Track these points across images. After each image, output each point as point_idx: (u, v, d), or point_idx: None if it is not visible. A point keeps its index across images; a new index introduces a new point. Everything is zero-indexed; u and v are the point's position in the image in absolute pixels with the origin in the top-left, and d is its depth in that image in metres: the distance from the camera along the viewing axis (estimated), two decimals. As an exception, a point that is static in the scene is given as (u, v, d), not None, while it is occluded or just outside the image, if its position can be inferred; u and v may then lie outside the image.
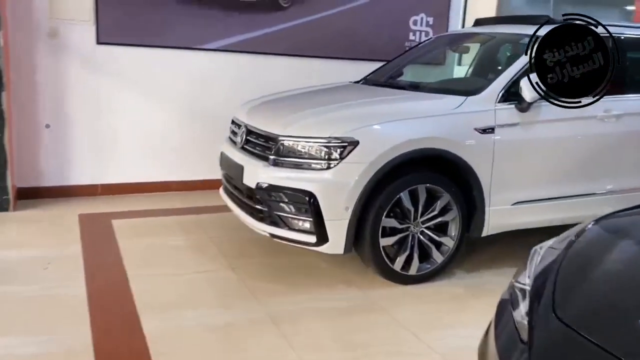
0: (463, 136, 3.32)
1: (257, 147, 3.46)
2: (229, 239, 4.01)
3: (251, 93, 5.05)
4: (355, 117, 3.27)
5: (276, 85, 5.18)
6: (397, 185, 3.18)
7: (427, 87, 3.88)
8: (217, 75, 5.18)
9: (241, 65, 5.25)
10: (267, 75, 5.30)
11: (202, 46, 5.04)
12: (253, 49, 5.24)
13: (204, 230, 4.18)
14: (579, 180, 3.75)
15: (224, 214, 4.39)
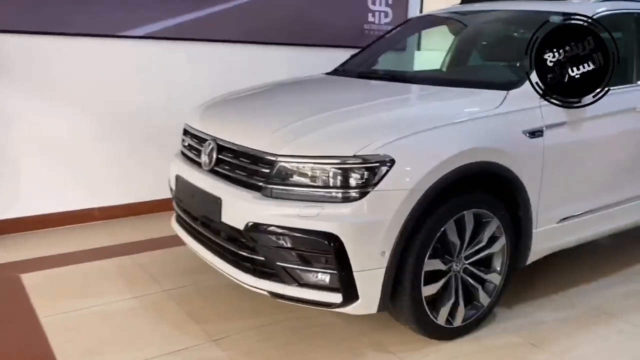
0: (512, 143, 2.57)
1: (238, 171, 2.49)
2: (197, 291, 2.99)
3: (195, 91, 4.04)
4: (380, 126, 2.39)
5: (225, 79, 4.20)
6: (441, 214, 2.36)
7: (440, 79, 3.07)
8: (147, 71, 4.06)
9: (176, 56, 4.16)
10: (208, 67, 4.26)
11: (128, 33, 3.89)
12: (190, 35, 4.17)
13: (154, 278, 3.12)
14: (627, 183, 3.17)
15: (176, 250, 3.38)
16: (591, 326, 2.75)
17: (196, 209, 2.70)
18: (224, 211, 2.44)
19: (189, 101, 3.95)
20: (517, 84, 2.70)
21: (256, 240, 2.33)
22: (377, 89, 3.08)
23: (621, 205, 3.16)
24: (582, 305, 2.96)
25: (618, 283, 3.26)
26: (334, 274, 2.24)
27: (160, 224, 3.82)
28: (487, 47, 3.51)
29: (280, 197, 2.30)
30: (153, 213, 4.13)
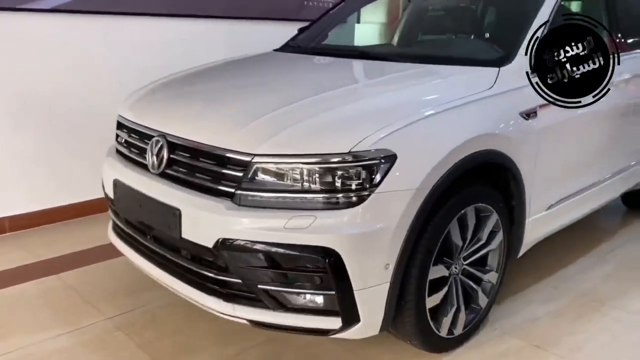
0: (511, 127, 2.29)
1: (199, 174, 2.03)
2: (147, 316, 2.50)
3: (120, 75, 3.47)
4: (372, 115, 2.00)
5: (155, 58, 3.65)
6: (446, 214, 2.04)
7: (419, 56, 2.71)
8: (56, 52, 3.40)
9: (93, 34, 3.53)
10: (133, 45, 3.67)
11: (31, 5, 3.21)
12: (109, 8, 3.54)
13: (91, 303, 2.59)
14: (606, 161, 3.03)
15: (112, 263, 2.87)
16: (586, 317, 2.58)
17: (146, 222, 2.21)
18: (185, 225, 1.98)
19: (114, 88, 3.41)
20: (507, 59, 2.42)
21: (231, 260, 1.90)
22: (351, 68, 2.67)
23: (600, 184, 3.02)
24: (568, 293, 2.80)
25: (594, 264, 3.14)
26: (330, 295, 1.86)
27: (87, 232, 3.28)
28: (453, 19, 3.20)
29: (259, 205, 1.88)
30: (75, 219, 3.54)
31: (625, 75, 3.05)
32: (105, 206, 3.52)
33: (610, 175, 3.13)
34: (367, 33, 4.34)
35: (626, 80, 3.06)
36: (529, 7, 2.67)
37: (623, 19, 3.30)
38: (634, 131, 3.26)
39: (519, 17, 2.73)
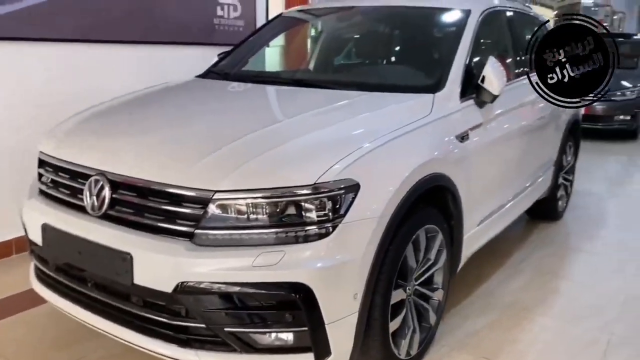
0: (450, 150, 2.41)
1: (150, 214, 1.90)
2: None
3: (16, 107, 3.19)
4: (329, 145, 1.99)
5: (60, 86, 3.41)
6: (403, 238, 2.08)
7: (355, 83, 2.75)
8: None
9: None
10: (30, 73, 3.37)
11: None
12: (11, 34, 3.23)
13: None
14: (521, 177, 3.27)
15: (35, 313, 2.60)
16: (520, 326, 2.74)
17: (87, 269, 2.02)
18: (138, 270, 1.84)
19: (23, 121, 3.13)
20: (439, 85, 2.54)
21: (193, 304, 1.80)
22: (291, 98, 2.65)
23: (517, 197, 3.26)
24: (497, 305, 2.96)
25: (512, 275, 3.35)
26: (301, 332, 1.82)
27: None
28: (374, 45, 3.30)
29: (222, 244, 1.80)
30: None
31: (530, 97, 3.33)
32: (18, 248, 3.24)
33: (523, 189, 3.38)
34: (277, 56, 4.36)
35: (531, 101, 3.34)
36: (450, 33, 2.83)
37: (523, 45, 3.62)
38: (537, 149, 3.56)
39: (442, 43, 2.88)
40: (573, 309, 2.95)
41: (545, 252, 3.76)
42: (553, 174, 3.97)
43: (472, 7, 2.93)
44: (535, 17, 4.06)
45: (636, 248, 3.87)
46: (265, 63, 3.84)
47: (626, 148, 7.73)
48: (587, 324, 2.79)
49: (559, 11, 15.27)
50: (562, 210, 4.40)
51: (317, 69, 3.51)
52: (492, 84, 2.58)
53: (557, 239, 4.05)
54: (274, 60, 4.06)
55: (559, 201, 4.28)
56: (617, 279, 3.34)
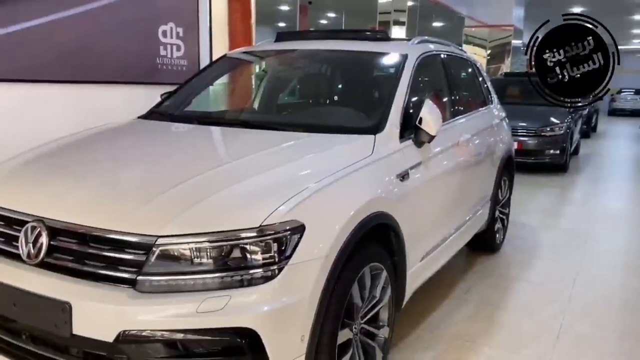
0: (391, 189, 2.47)
1: (90, 261, 1.85)
2: None
3: None
4: (273, 187, 2.01)
5: None
6: (348, 277, 2.11)
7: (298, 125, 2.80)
8: None
9: None
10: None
11: None
12: None
13: None
14: (458, 212, 3.37)
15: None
16: (465, 358, 2.81)
17: (23, 321, 1.93)
18: (77, 320, 1.78)
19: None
20: (379, 126, 2.63)
21: (136, 354, 1.75)
22: (235, 138, 2.67)
23: (457, 231, 3.36)
24: (443, 337, 3.02)
25: (457, 306, 3.44)
26: (246, 370, 1.79)
27: None
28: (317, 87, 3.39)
29: (165, 290, 1.77)
30: None
31: (466, 135, 3.49)
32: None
33: (463, 223, 3.50)
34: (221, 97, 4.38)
35: (467, 139, 3.50)
36: (388, 76, 2.95)
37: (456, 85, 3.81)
38: (474, 185, 3.71)
39: (381, 85, 2.99)
40: (514, 338, 3.05)
41: (487, 282, 3.88)
42: (490, 208, 4.13)
43: (409, 51, 3.07)
44: (468, 59, 4.29)
45: (569, 277, 4.05)
46: (209, 103, 3.86)
47: (557, 180, 8.14)
48: (527, 352, 2.89)
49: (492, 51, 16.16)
50: (500, 242, 4.56)
51: (262, 110, 3.55)
52: (429, 125, 2.68)
53: (497, 270, 4.19)
54: (218, 101, 4.09)
55: (497, 234, 4.44)
56: (553, 307, 3.48)
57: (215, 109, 3.75)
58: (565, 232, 5.33)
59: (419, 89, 3.06)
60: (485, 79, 4.47)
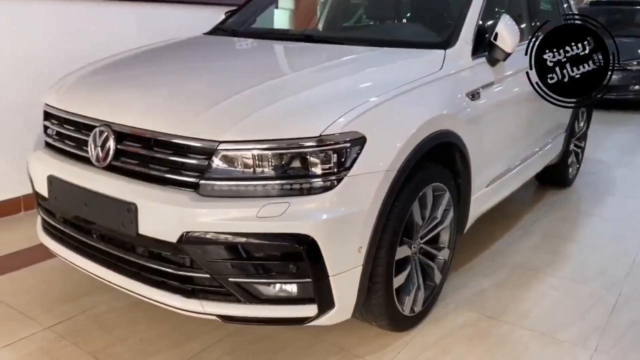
0: (460, 107, 2.36)
1: (155, 165, 1.89)
2: (93, 321, 2.30)
3: (22, 62, 3.17)
4: (335, 98, 1.96)
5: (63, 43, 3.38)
6: (409, 195, 2.06)
7: (365, 39, 2.70)
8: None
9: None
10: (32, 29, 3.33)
11: None
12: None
13: (26, 313, 2.34)
14: (531, 140, 3.22)
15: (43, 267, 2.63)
16: (525, 286, 2.74)
17: (93, 220, 2.02)
18: (143, 221, 1.84)
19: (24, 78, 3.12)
20: (450, 42, 2.48)
21: (198, 255, 1.80)
22: (299, 52, 2.61)
23: (526, 161, 3.21)
24: (504, 265, 2.96)
25: (522, 237, 3.34)
26: (306, 283, 1.82)
27: (6, 235, 2.96)
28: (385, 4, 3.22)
29: (226, 195, 1.79)
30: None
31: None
32: (27, 205, 3.27)
33: (533, 152, 3.33)
34: (286, 18, 4.28)
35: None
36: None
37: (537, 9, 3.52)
38: (549, 113, 3.49)
39: (452, 1, 2.80)
40: (581, 270, 2.94)
41: (556, 215, 3.73)
42: (564, 140, 3.91)
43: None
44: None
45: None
46: (273, 22, 3.78)
47: (638, 119, 7.59)
48: (595, 283, 2.79)
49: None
50: (572, 177, 4.34)
51: (329, 26, 3.45)
52: (505, 41, 2.52)
53: (568, 204, 4.01)
54: (283, 20, 4.00)
55: (570, 168, 4.23)
56: (626, 243, 3.31)
57: (280, 26, 3.67)
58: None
59: (496, 5, 2.86)
60: (571, 5, 4.12)
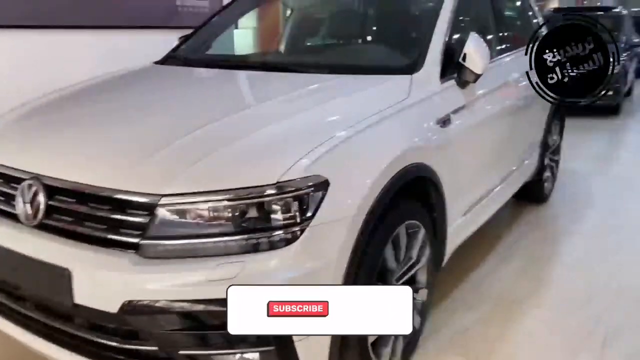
0: (430, 137, 2.19)
1: (91, 223, 1.66)
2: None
3: None
4: (294, 138, 1.76)
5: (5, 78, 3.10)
6: (381, 238, 1.86)
7: (323, 65, 2.51)
8: None
9: None
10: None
11: None
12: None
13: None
14: (505, 161, 3.07)
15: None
16: (510, 321, 2.57)
17: (24, 287, 1.77)
18: (79, 289, 1.60)
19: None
20: (417, 65, 2.31)
21: (142, 325, 1.57)
22: (253, 83, 2.40)
23: (506, 180, 3.06)
24: (486, 297, 2.78)
25: (502, 262, 3.18)
26: (268, 351, 1.60)
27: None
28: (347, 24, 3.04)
29: (173, 256, 1.56)
30: None
31: (514, 75, 3.12)
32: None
33: (510, 172, 3.19)
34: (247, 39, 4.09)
35: (516, 79, 3.13)
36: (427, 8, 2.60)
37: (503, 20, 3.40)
38: (523, 130, 3.36)
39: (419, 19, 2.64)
40: (567, 298, 2.78)
41: (535, 235, 3.59)
42: (539, 155, 3.79)
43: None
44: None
45: (624, 229, 3.72)
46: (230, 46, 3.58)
47: (608, 124, 7.60)
48: (583, 314, 2.62)
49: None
50: (548, 192, 4.23)
51: (287, 51, 3.25)
52: (475, 62, 2.36)
53: (546, 222, 3.89)
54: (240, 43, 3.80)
55: (546, 183, 4.11)
56: (609, 263, 3.17)
57: (237, 51, 3.47)
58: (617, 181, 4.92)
59: (462, 22, 2.71)
60: (536, 13, 4.03)
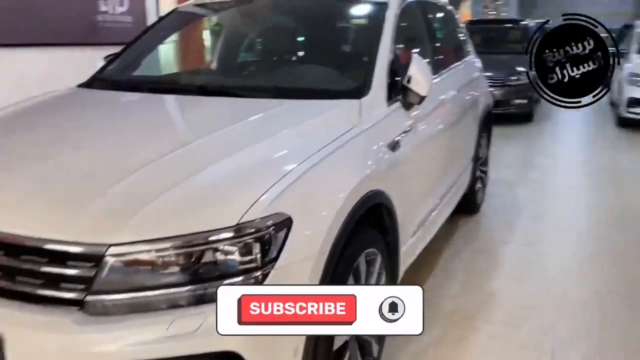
0: (383, 162, 2.14)
1: (26, 279, 1.47)
2: None
3: None
4: (250, 173, 1.64)
5: None
6: (342, 272, 1.78)
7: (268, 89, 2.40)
8: None
9: None
10: None
11: None
12: None
13: None
14: (447, 177, 3.09)
15: None
16: (465, 340, 2.57)
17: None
18: (13, 356, 1.40)
19: None
20: (365, 89, 2.26)
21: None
22: (195, 111, 2.24)
23: (444, 199, 3.09)
24: (438, 315, 2.77)
25: (447, 278, 3.19)
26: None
27: None
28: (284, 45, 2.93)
29: (122, 312, 1.41)
30: None
31: (451, 92, 3.17)
32: None
33: (450, 187, 3.22)
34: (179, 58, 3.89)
35: (453, 96, 3.18)
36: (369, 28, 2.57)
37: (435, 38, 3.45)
38: (460, 145, 3.42)
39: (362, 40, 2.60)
40: (513, 310, 2.83)
41: (473, 247, 3.65)
42: (472, 168, 3.88)
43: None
44: (445, 7, 3.92)
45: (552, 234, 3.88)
46: (160, 66, 3.40)
47: (524, 130, 7.99)
48: (529, 326, 2.68)
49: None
50: (480, 203, 4.34)
51: (222, 72, 3.12)
52: (420, 84, 2.34)
53: (481, 233, 3.97)
54: (171, 62, 3.61)
55: (478, 194, 4.21)
56: (548, 272, 3.28)
57: (168, 72, 3.29)
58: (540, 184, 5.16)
59: (402, 43, 2.70)
60: (461, 28, 4.13)
